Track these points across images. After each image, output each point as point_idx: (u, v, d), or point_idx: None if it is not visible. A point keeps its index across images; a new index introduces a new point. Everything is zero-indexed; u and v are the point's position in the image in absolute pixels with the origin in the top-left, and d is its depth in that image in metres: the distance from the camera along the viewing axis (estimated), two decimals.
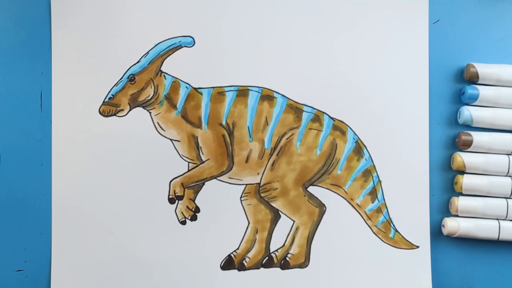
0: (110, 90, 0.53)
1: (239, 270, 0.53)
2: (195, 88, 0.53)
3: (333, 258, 0.53)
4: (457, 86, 0.54)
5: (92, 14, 0.53)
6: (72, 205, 0.53)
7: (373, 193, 0.53)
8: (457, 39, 0.54)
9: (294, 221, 0.53)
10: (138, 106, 0.53)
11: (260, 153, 0.53)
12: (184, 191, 0.53)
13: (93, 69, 0.53)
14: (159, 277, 0.53)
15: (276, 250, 0.54)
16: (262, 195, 0.53)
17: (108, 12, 0.53)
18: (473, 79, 0.52)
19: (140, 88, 0.52)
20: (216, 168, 0.53)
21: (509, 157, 0.52)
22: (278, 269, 0.53)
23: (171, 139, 0.53)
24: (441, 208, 0.54)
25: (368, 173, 0.53)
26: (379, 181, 0.53)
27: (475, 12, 0.54)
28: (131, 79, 0.52)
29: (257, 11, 0.53)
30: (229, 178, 0.53)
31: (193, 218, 0.53)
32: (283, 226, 0.54)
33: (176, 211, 0.53)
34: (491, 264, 0.53)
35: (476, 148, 0.52)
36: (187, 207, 0.53)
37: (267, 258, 0.53)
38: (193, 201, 0.53)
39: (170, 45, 0.53)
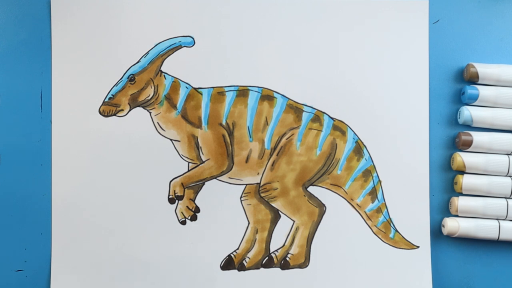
0: (110, 90, 0.53)
1: (239, 270, 0.53)
2: (195, 88, 0.53)
3: (333, 258, 0.53)
4: (457, 86, 0.54)
5: (92, 14, 0.53)
6: (72, 205, 0.53)
7: (373, 193, 0.53)
8: (457, 39, 0.54)
9: (294, 221, 0.53)
10: (138, 106, 0.53)
11: (260, 153, 0.53)
12: (184, 191, 0.53)
13: (93, 69, 0.53)
14: (159, 277, 0.53)
15: (276, 250, 0.54)
16: (262, 195, 0.53)
17: (108, 12, 0.53)
18: (473, 79, 0.52)
19: (140, 88, 0.52)
20: (216, 168, 0.53)
21: (509, 157, 0.52)
22: (278, 269, 0.53)
23: (171, 139, 0.53)
24: (441, 208, 0.54)
25: (368, 173, 0.53)
26: (379, 181, 0.53)
27: (475, 12, 0.54)
28: (131, 79, 0.52)
29: (257, 11, 0.53)
30: (229, 178, 0.53)
31: (193, 218, 0.53)
32: (283, 226, 0.54)
33: (176, 211, 0.53)
34: (491, 264, 0.53)
35: (476, 148, 0.52)
36: (187, 207, 0.53)
37: (267, 258, 0.53)
38: (193, 201, 0.53)
39: (170, 45, 0.53)
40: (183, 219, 0.53)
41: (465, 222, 0.52)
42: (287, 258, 0.53)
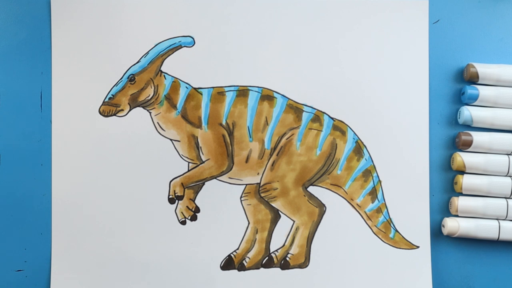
0: (110, 90, 0.53)
1: (239, 270, 0.53)
2: (195, 88, 0.53)
3: (333, 258, 0.53)
4: (457, 86, 0.54)
5: (92, 14, 0.53)
6: (72, 205, 0.53)
7: (373, 193, 0.53)
8: (457, 39, 0.54)
9: (294, 221, 0.53)
10: (138, 106, 0.53)
11: (260, 153, 0.53)
12: (184, 191, 0.53)
13: (93, 69, 0.53)
14: (159, 277, 0.53)
15: (276, 250, 0.54)
16: (262, 195, 0.53)
17: (108, 12, 0.53)
18: (473, 79, 0.52)
19: (140, 88, 0.52)
20: (216, 168, 0.53)
21: (509, 157, 0.52)
22: (278, 269, 0.53)
23: (171, 139, 0.53)
24: (441, 208, 0.54)
25: (368, 173, 0.53)
26: (379, 181, 0.53)
27: (475, 12, 0.54)
28: (131, 79, 0.52)
29: (257, 11, 0.53)
30: (229, 178, 0.53)
31: (193, 218, 0.53)
32: (283, 226, 0.54)
33: (176, 211, 0.53)
34: (491, 264, 0.53)
35: (476, 148, 0.52)
36: (187, 207, 0.53)
37: (267, 258, 0.53)
38: (193, 201, 0.53)
39: (170, 45, 0.53)
40: (183, 219, 0.53)
41: (465, 222, 0.52)
42: (287, 258, 0.53)
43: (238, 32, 0.53)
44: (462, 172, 0.53)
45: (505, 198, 0.52)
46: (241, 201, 0.53)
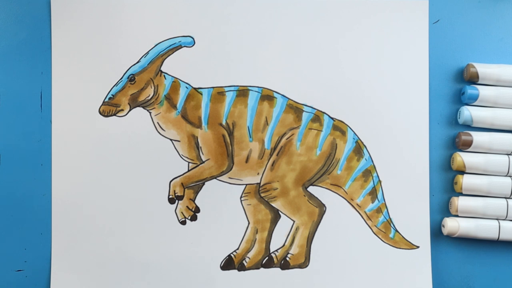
0: (110, 90, 0.53)
1: (239, 270, 0.53)
2: (195, 88, 0.53)
3: (333, 258, 0.53)
4: (457, 86, 0.54)
5: (92, 14, 0.53)
6: (72, 205, 0.53)
7: (373, 193, 0.53)
8: (457, 39, 0.54)
9: (294, 221, 0.53)
10: (138, 106, 0.53)
11: (260, 153, 0.53)
12: (184, 191, 0.53)
13: (93, 69, 0.53)
14: (159, 277, 0.53)
15: (276, 250, 0.54)
16: (262, 195, 0.53)
17: (108, 12, 0.53)
18: (473, 79, 0.52)
19: (140, 88, 0.52)
20: (216, 168, 0.53)
21: (509, 157, 0.52)
22: (278, 269, 0.53)
23: (171, 139, 0.53)
24: (441, 208, 0.54)
25: (368, 173, 0.53)
26: (379, 181, 0.53)
27: (475, 12, 0.54)
28: (131, 79, 0.52)
29: (257, 11, 0.53)
30: (229, 178, 0.53)
31: (193, 218, 0.53)
32: (283, 226, 0.54)
33: (176, 211, 0.53)
34: (491, 264, 0.53)
35: (476, 148, 0.52)
36: (187, 207, 0.53)
37: (267, 258, 0.53)
38: (193, 201, 0.53)
39: (170, 45, 0.53)
40: (183, 219, 0.53)
41: (465, 222, 0.52)
42: (287, 258, 0.53)
43: (238, 32, 0.53)
44: (462, 172, 0.53)
45: (505, 198, 0.52)
46: (241, 201, 0.53)
